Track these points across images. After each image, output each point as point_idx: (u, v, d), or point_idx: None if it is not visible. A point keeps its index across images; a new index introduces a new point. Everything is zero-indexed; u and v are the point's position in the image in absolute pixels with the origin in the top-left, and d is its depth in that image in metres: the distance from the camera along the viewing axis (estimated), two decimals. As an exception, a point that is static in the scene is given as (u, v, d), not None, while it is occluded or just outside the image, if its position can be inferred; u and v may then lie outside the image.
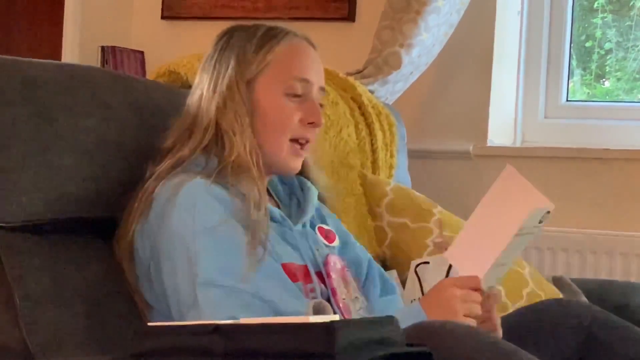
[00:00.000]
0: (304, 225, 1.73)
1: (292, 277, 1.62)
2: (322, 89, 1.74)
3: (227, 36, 1.73)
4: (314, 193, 1.78)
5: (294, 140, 1.70)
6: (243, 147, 1.64)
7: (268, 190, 1.77)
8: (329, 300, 1.64)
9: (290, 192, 1.80)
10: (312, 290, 1.65)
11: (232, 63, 1.69)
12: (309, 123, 1.70)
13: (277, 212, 1.68)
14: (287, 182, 1.80)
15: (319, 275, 1.68)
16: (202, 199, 1.57)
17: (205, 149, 1.66)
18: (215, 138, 1.66)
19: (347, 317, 1.65)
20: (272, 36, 1.71)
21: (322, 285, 1.66)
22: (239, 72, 1.68)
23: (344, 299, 1.67)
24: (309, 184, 1.79)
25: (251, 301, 1.51)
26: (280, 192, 1.79)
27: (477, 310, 1.59)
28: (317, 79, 1.73)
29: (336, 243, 1.79)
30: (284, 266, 1.62)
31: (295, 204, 1.78)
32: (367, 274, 1.82)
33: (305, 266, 1.67)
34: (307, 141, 1.72)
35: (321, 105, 1.73)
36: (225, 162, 1.63)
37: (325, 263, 1.69)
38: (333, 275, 1.68)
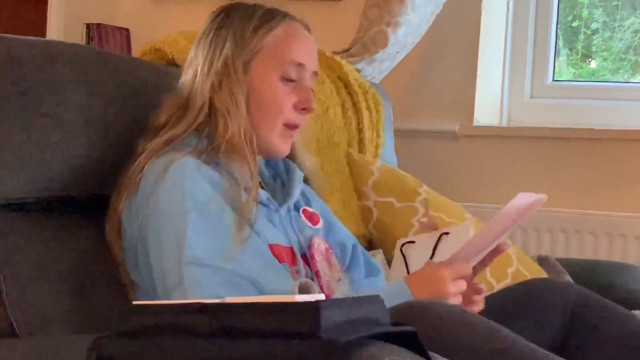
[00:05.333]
0: (288, 208, 1.73)
1: (279, 258, 1.62)
2: (315, 73, 1.75)
3: (224, 14, 1.72)
4: (299, 175, 1.78)
5: (286, 125, 1.70)
6: (238, 127, 1.64)
7: None
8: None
9: (275, 174, 1.80)
10: (297, 272, 1.64)
11: (229, 42, 1.68)
12: (302, 109, 1.71)
13: (264, 194, 1.68)
14: (271, 164, 1.80)
15: (304, 257, 1.68)
16: (191, 178, 1.56)
17: (197, 128, 1.66)
18: (209, 117, 1.66)
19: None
20: (270, 18, 1.71)
21: (307, 268, 1.67)
22: (236, 52, 1.68)
23: (327, 280, 1.67)
24: (294, 166, 1.79)
25: (237, 281, 1.51)
26: (265, 174, 1.79)
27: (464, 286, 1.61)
28: (312, 64, 1.74)
29: (320, 225, 1.78)
30: (270, 247, 1.62)
31: (279, 185, 1.78)
32: (351, 257, 1.83)
33: (291, 248, 1.66)
34: (297, 126, 1.73)
35: (312, 90, 1.74)
36: (218, 142, 1.63)
37: (310, 245, 1.69)
38: (317, 257, 1.68)
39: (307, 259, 1.68)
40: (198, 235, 1.52)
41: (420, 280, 1.61)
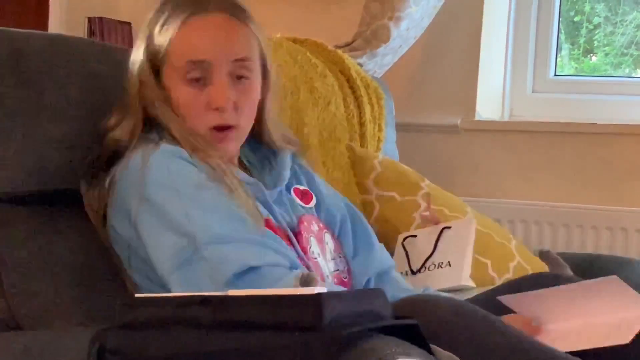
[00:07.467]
0: (280, 190, 1.69)
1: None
2: (238, 60, 1.61)
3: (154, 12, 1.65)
4: (286, 154, 1.73)
5: (214, 128, 1.60)
6: (179, 132, 1.58)
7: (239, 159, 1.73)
8: (302, 261, 1.62)
9: (263, 157, 1.75)
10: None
11: (142, 49, 1.63)
12: (214, 109, 1.59)
13: (246, 176, 1.63)
14: (256, 146, 1.75)
15: (295, 236, 1.64)
16: (174, 161, 1.52)
17: (150, 125, 1.61)
18: (151, 120, 1.61)
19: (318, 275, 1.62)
20: (175, 17, 1.60)
21: (295, 247, 1.62)
22: (148, 60, 1.61)
23: (315, 258, 1.64)
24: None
25: (263, 243, 1.48)
26: (249, 156, 1.75)
27: None
28: (223, 55, 1.59)
29: (313, 203, 1.75)
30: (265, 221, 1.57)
31: (267, 169, 1.74)
32: (340, 231, 1.78)
33: (281, 228, 1.63)
34: (226, 127, 1.61)
35: (242, 77, 1.62)
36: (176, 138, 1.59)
37: (299, 222, 1.66)
38: (305, 235, 1.65)
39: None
40: (204, 214, 1.47)
41: None
